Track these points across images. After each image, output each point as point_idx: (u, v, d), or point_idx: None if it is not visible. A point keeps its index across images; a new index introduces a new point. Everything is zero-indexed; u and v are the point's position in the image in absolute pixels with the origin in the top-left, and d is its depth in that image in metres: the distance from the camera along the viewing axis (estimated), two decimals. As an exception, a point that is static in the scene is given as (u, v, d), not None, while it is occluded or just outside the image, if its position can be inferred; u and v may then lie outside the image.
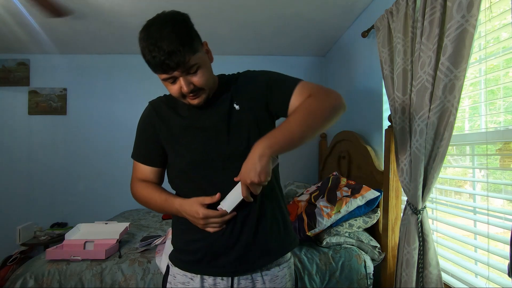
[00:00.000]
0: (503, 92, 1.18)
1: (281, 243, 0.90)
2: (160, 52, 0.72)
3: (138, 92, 3.04)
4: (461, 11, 1.05)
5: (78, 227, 1.76)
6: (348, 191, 1.69)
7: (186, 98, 0.83)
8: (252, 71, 0.95)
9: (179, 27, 0.75)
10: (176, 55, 0.73)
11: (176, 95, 0.83)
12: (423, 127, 1.21)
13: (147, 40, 0.74)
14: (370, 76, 2.06)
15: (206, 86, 0.82)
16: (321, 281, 1.51)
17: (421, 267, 1.24)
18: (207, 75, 0.81)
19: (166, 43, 0.72)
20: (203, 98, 0.84)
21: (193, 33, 0.78)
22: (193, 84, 0.80)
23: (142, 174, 0.96)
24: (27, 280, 1.36)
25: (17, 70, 2.95)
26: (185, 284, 0.87)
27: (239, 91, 0.90)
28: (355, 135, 2.11)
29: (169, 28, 0.74)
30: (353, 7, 2.08)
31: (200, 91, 0.82)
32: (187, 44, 0.74)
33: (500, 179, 1.22)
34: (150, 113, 0.94)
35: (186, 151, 0.88)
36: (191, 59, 0.76)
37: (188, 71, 0.78)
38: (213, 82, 0.87)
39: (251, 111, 0.88)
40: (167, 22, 0.75)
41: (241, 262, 0.85)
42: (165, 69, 0.76)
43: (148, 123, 0.94)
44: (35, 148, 2.96)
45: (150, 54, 0.74)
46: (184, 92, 0.80)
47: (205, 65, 0.81)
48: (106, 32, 2.49)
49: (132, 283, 1.39)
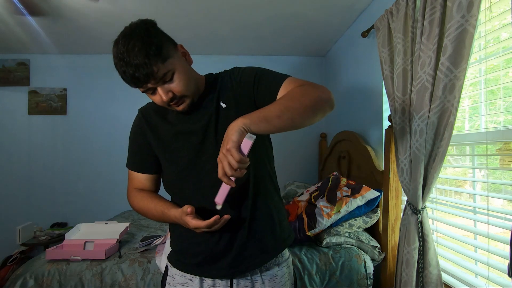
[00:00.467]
0: (503, 92, 1.18)
1: (276, 239, 0.90)
2: (128, 67, 0.72)
3: (138, 92, 2.97)
4: (461, 11, 1.05)
5: (78, 227, 1.76)
6: (348, 191, 1.69)
7: (169, 106, 0.81)
8: (238, 67, 0.92)
9: (143, 38, 0.72)
10: (143, 68, 0.71)
11: (160, 105, 0.82)
12: (423, 127, 1.21)
13: (116, 56, 0.74)
14: (370, 76, 2.06)
15: (186, 91, 0.79)
16: (321, 281, 1.51)
17: (421, 267, 1.24)
18: (185, 80, 0.79)
19: (132, 57, 0.71)
20: (187, 103, 0.82)
21: (161, 40, 0.75)
22: (172, 91, 0.78)
23: (138, 182, 0.95)
24: (27, 280, 1.36)
25: (17, 70, 2.95)
26: (184, 285, 0.87)
27: (225, 89, 0.88)
28: (355, 135, 2.11)
29: (134, 40, 0.72)
30: (353, 7, 2.08)
31: (181, 97, 0.80)
32: (154, 54, 0.72)
33: (500, 179, 1.22)
34: (140, 121, 0.93)
35: (177, 157, 0.87)
36: (161, 68, 0.74)
37: (164, 80, 0.76)
38: (195, 85, 0.84)
39: (238, 107, 0.85)
40: (132, 35, 0.73)
41: (239, 263, 0.85)
42: (136, 83, 0.75)
43: (138, 133, 0.93)
44: (35, 148, 2.96)
45: (120, 69, 0.74)
46: (164, 101, 0.78)
47: (181, 69, 0.79)
48: (106, 32, 2.49)
49: (132, 283, 1.39)
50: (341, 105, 2.64)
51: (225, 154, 0.66)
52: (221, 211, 0.77)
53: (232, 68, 0.93)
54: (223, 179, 0.68)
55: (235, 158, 0.65)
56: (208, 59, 3.04)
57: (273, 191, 0.93)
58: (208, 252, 0.85)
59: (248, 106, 0.85)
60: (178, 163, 0.87)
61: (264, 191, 0.89)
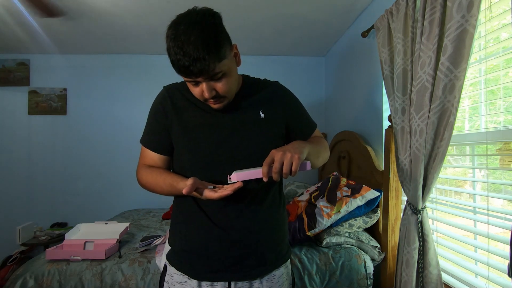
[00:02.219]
0: (503, 92, 1.18)
1: (277, 254, 0.91)
2: (185, 57, 0.69)
3: (137, 92, 3.04)
4: (461, 11, 1.05)
5: (78, 227, 1.76)
6: (348, 191, 1.69)
7: (207, 101, 0.81)
8: (284, 87, 0.96)
9: (208, 31, 0.70)
10: (200, 63, 0.70)
11: (197, 97, 0.81)
12: (423, 127, 1.21)
13: (174, 41, 0.71)
14: (370, 76, 2.06)
15: (228, 93, 0.81)
16: (321, 281, 1.51)
17: (421, 267, 1.24)
18: (231, 83, 0.80)
19: (192, 49, 0.69)
20: (225, 103, 0.83)
21: (222, 38, 0.74)
22: (216, 90, 0.78)
23: (150, 160, 0.92)
24: (27, 280, 1.36)
25: (17, 70, 2.95)
26: (182, 284, 0.87)
27: (268, 101, 0.90)
28: (355, 135, 2.11)
29: (198, 32, 0.69)
30: (353, 7, 2.08)
31: (222, 97, 0.80)
32: (214, 51, 0.71)
33: (500, 179, 1.22)
34: (165, 100, 0.89)
35: (196, 147, 0.85)
36: (216, 67, 0.73)
37: (212, 78, 0.75)
38: (236, 86, 0.85)
39: (275, 124, 0.88)
40: (196, 24, 0.70)
41: (237, 271, 0.85)
42: (188, 74, 0.73)
43: (161, 111, 0.89)
44: (35, 148, 2.96)
45: (175, 56, 0.71)
46: (205, 97, 0.78)
47: (231, 72, 0.79)
48: (106, 32, 2.49)
49: (132, 283, 1.39)
50: (341, 105, 2.64)
51: (291, 157, 0.71)
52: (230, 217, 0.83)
53: (276, 83, 0.97)
54: (265, 168, 0.71)
55: (294, 166, 0.71)
56: (208, 59, 3.03)
57: (282, 205, 0.94)
58: (206, 256, 0.85)
59: (282, 127, 0.91)
60: (195, 153, 0.85)
61: (273, 204, 0.90)
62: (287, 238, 0.97)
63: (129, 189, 3.02)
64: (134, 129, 2.95)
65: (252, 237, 0.85)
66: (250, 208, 0.85)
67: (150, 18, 2.21)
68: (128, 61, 3.03)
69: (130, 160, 3.00)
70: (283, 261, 0.92)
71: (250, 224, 0.85)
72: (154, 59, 3.03)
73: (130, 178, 3.03)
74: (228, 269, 0.84)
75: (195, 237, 0.86)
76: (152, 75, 3.03)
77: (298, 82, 3.18)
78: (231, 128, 0.85)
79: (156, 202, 3.00)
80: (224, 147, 0.84)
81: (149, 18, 2.20)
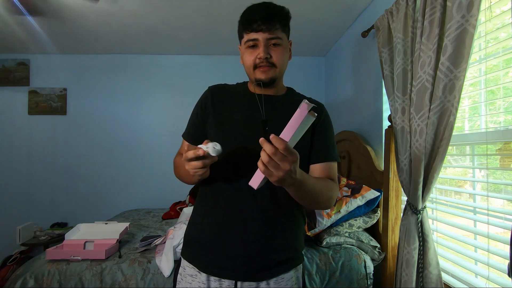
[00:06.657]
0: (503, 92, 1.18)
1: (288, 258, 0.89)
2: (261, 6, 0.83)
3: (138, 92, 3.04)
4: (461, 11, 1.05)
5: (78, 227, 1.76)
6: (348, 191, 1.69)
7: (256, 68, 0.86)
8: (326, 111, 0.98)
9: (285, 10, 0.87)
10: (273, 17, 0.82)
11: (250, 63, 0.86)
12: (423, 127, 1.21)
13: (255, 4, 0.85)
14: (370, 76, 2.06)
15: (279, 65, 0.87)
16: (321, 281, 1.51)
17: (421, 267, 1.24)
18: (283, 58, 0.88)
19: (272, 6, 0.84)
20: (271, 75, 0.87)
21: (289, 23, 0.90)
22: (271, 55, 0.85)
23: (184, 151, 0.95)
24: (27, 280, 1.36)
25: (17, 70, 2.95)
26: (193, 277, 0.89)
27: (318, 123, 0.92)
28: (355, 135, 2.11)
29: (278, 5, 0.86)
30: (353, 7, 2.08)
31: (272, 65, 0.86)
32: (285, 22, 0.86)
33: (500, 179, 1.22)
34: (207, 97, 0.96)
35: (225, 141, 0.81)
36: (279, 32, 0.84)
37: (271, 41, 0.84)
38: (283, 72, 0.92)
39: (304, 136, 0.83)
40: (273, 2, 0.87)
41: (244, 270, 0.84)
42: (255, 27, 0.82)
43: (202, 106, 0.96)
44: (35, 148, 2.96)
45: (252, 10, 0.84)
46: (260, 57, 0.84)
47: (285, 51, 0.88)
48: (106, 32, 2.49)
49: (132, 283, 1.39)
50: (341, 105, 2.64)
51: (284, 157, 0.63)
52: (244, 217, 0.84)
53: (322, 105, 0.97)
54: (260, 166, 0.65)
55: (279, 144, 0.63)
56: (208, 59, 3.04)
57: (296, 209, 0.93)
58: (216, 251, 0.86)
59: (307, 141, 0.90)
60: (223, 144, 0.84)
61: (287, 208, 0.89)
62: (301, 242, 0.95)
63: (129, 189, 3.02)
64: (134, 129, 2.95)
65: (263, 240, 0.85)
66: (264, 210, 0.86)
67: (150, 18, 2.21)
68: (128, 61, 3.03)
69: (129, 160, 3.00)
70: (293, 265, 0.91)
71: (263, 227, 0.85)
72: (154, 59, 3.03)
73: (130, 178, 3.03)
74: (235, 268, 0.84)
75: (208, 231, 0.87)
76: (152, 75, 3.02)
77: (298, 82, 3.17)
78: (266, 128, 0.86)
79: (156, 202, 3.00)
80: (252, 143, 0.82)
81: (149, 18, 2.20)
